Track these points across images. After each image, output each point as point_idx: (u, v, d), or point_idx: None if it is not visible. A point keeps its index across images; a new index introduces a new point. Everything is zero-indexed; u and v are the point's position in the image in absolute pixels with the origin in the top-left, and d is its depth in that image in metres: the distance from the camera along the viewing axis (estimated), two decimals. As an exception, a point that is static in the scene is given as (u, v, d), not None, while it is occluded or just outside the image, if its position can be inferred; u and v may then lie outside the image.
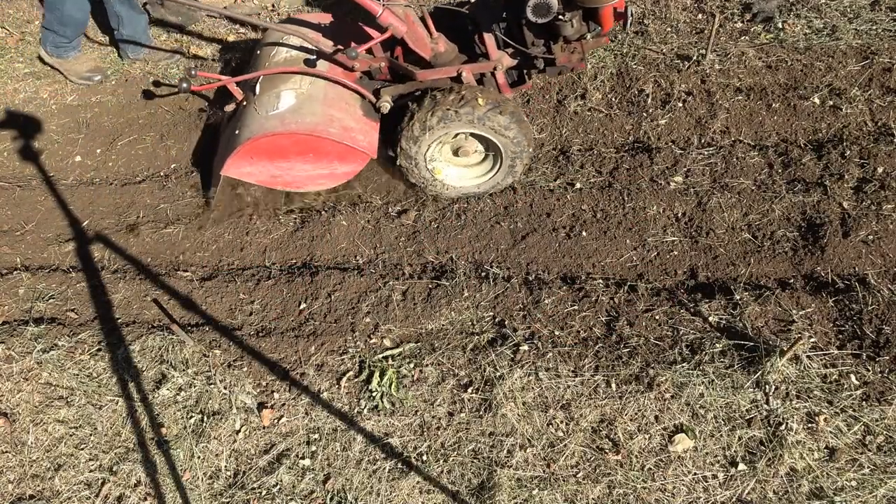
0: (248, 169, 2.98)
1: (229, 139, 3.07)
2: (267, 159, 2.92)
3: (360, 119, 2.94)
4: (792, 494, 2.17)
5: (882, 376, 2.33)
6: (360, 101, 3.00)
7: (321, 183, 3.09)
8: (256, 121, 2.88)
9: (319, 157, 2.91)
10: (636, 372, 2.46)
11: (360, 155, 2.90)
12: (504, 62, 2.92)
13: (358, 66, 2.95)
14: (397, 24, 2.74)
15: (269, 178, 3.04)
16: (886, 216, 2.70)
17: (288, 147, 2.85)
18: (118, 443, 2.65)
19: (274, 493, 2.44)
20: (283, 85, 2.93)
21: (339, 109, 2.89)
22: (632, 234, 2.88)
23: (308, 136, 2.79)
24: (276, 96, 2.89)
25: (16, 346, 2.96)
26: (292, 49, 3.06)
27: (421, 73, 2.90)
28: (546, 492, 2.27)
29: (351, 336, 2.76)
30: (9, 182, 3.82)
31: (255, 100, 2.95)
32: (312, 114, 2.82)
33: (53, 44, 4.02)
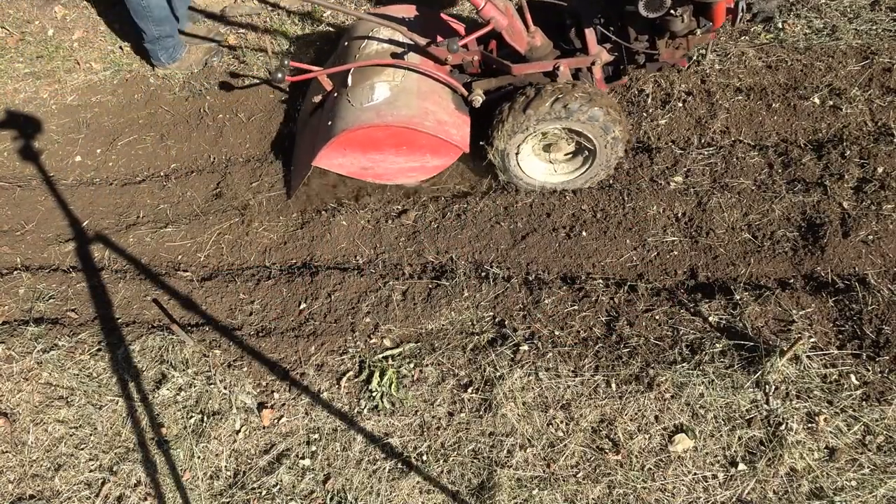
0: (340, 160, 2.95)
1: (319, 130, 3.04)
2: (360, 151, 2.90)
3: (453, 113, 2.92)
4: (792, 494, 2.17)
5: (882, 376, 2.33)
6: (451, 94, 2.98)
7: (411, 176, 3.07)
8: (351, 112, 2.86)
9: (412, 150, 2.89)
10: (636, 372, 2.46)
11: (452, 149, 2.87)
12: (603, 57, 2.86)
13: (451, 60, 2.92)
14: (499, 16, 2.69)
15: (359, 169, 3.01)
16: (886, 216, 2.70)
17: (382, 139, 2.83)
18: (118, 443, 2.65)
19: (274, 493, 2.44)
20: (377, 77, 2.90)
21: (432, 103, 2.87)
22: (632, 234, 2.88)
23: (403, 129, 2.76)
24: (370, 88, 2.87)
25: (16, 346, 2.96)
26: (382, 41, 3.03)
27: (516, 66, 2.85)
28: (546, 492, 2.27)
29: (351, 336, 2.76)
30: (9, 182, 3.82)
31: (348, 91, 2.92)
32: (408, 106, 2.80)
33: (166, 51, 3.94)
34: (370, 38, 3.08)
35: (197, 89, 4.00)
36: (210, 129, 3.81)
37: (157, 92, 4.08)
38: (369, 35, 3.10)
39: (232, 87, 3.90)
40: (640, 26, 2.76)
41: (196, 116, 3.90)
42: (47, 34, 4.44)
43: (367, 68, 2.95)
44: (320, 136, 3.00)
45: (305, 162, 3.09)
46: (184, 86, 4.06)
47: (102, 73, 4.23)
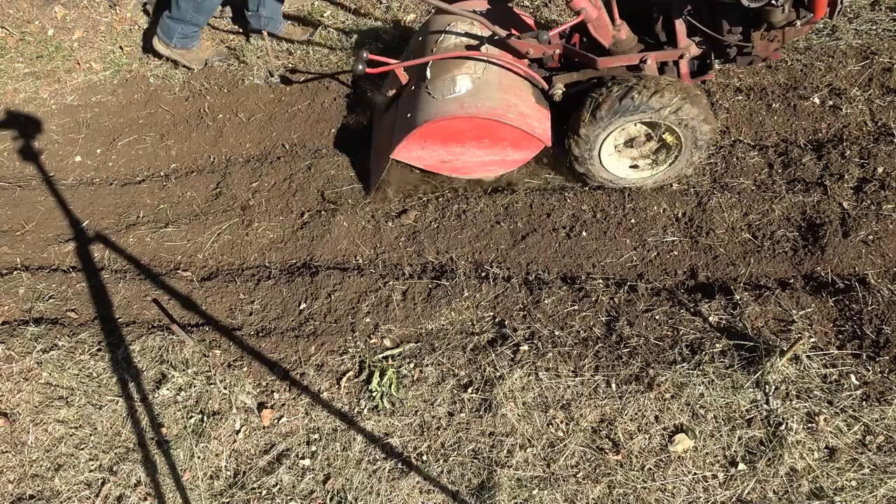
0: (419, 153, 2.91)
1: (397, 124, 3.01)
2: (441, 143, 2.86)
3: (534, 106, 2.88)
4: (792, 494, 2.17)
5: (882, 376, 2.33)
6: (531, 88, 2.93)
7: (490, 170, 3.03)
8: (432, 104, 2.82)
9: (494, 143, 2.85)
10: (636, 372, 2.46)
11: (535, 142, 2.83)
12: (691, 51, 2.78)
13: (532, 53, 2.87)
14: (590, 8, 2.64)
15: (437, 162, 2.98)
16: (886, 216, 2.70)
17: (465, 131, 2.80)
18: (118, 443, 2.65)
19: (274, 493, 2.44)
20: (457, 70, 2.86)
21: (514, 96, 2.83)
22: (632, 234, 2.88)
23: (487, 121, 2.73)
24: (452, 80, 2.83)
25: (16, 346, 2.96)
26: (460, 34, 2.99)
27: (602, 60, 2.78)
28: (546, 492, 2.27)
29: (351, 336, 2.76)
30: (9, 182, 3.82)
31: (428, 84, 2.88)
32: (491, 99, 2.76)
33: (182, 34, 3.87)
34: (447, 31, 3.03)
35: (197, 89, 4.00)
36: (210, 129, 3.81)
37: (157, 92, 4.08)
38: (446, 29, 3.04)
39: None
40: (734, 18, 2.66)
41: (196, 116, 3.90)
42: (47, 34, 4.44)
43: (447, 61, 2.90)
44: (398, 129, 2.96)
45: (384, 156, 3.05)
46: (184, 86, 4.06)
47: (102, 73, 4.23)
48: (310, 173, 3.41)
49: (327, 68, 3.88)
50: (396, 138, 2.91)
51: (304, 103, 3.75)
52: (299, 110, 3.74)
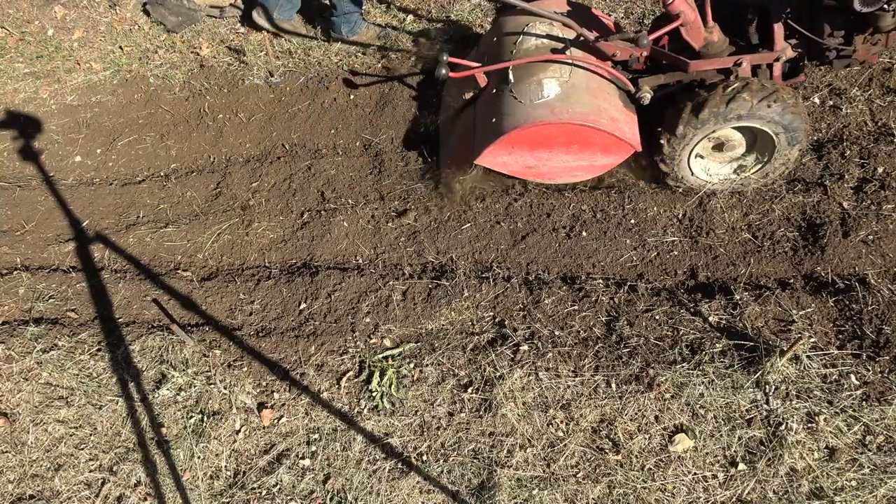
0: (505, 158, 2.85)
1: (478, 128, 2.94)
2: (528, 149, 2.80)
3: (622, 110, 2.80)
4: (792, 494, 2.17)
5: (882, 376, 2.33)
6: (617, 91, 2.86)
7: (576, 175, 2.97)
8: (520, 109, 2.74)
9: (583, 148, 2.78)
10: (636, 372, 2.46)
11: (625, 147, 2.75)
12: (787, 53, 2.71)
13: (619, 55, 2.82)
14: (689, 11, 2.59)
15: (523, 168, 2.92)
16: (886, 216, 2.70)
17: (555, 137, 2.73)
18: (118, 443, 2.65)
19: (274, 493, 2.44)
20: (543, 73, 2.78)
21: (603, 100, 2.76)
22: (632, 234, 2.88)
23: (580, 126, 2.66)
24: (538, 84, 2.76)
25: (16, 346, 2.97)
26: (540, 36, 2.91)
27: (694, 63, 2.71)
28: (546, 492, 2.27)
29: (351, 336, 2.76)
30: (9, 182, 3.82)
31: (512, 88, 2.81)
32: (581, 103, 2.69)
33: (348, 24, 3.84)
34: (525, 33, 2.94)
35: (197, 89, 4.00)
36: (210, 129, 3.81)
37: (157, 92, 4.08)
38: (524, 30, 2.96)
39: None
40: (838, 21, 2.59)
41: (196, 116, 3.90)
42: (47, 34, 4.44)
43: (531, 64, 2.83)
44: (481, 133, 2.89)
45: (461, 159, 2.99)
46: (184, 86, 4.06)
47: (102, 73, 4.23)
48: (310, 173, 3.41)
49: (335, 70, 3.88)
50: (480, 143, 2.83)
51: (305, 103, 3.75)
52: (299, 110, 3.74)
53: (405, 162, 3.34)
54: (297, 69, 3.93)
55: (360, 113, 3.64)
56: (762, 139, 2.77)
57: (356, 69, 3.81)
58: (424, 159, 3.34)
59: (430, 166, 3.29)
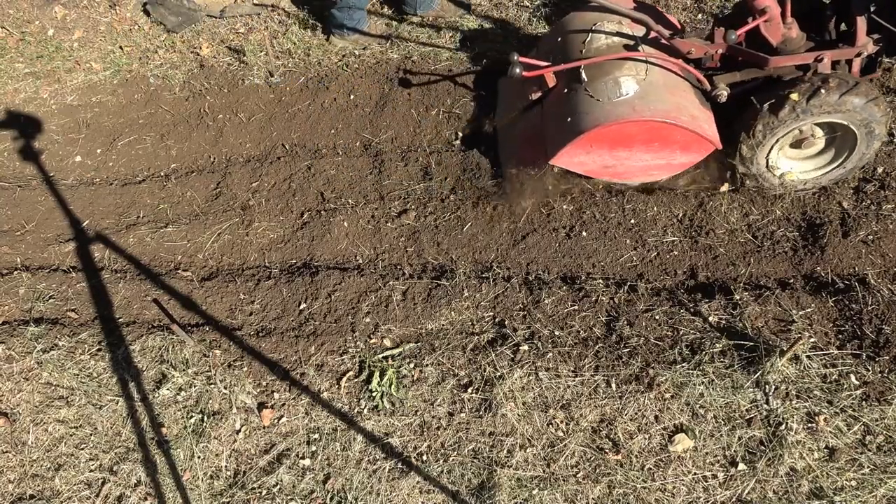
0: (582, 158, 2.79)
1: (550, 128, 2.89)
2: (608, 148, 2.76)
3: (699, 108, 2.76)
4: (792, 494, 2.17)
5: (882, 376, 2.33)
6: (693, 89, 2.81)
7: (652, 174, 2.91)
8: (598, 108, 2.70)
9: (663, 147, 2.73)
10: (636, 372, 2.46)
11: (705, 145, 2.71)
12: (868, 48, 2.67)
13: (694, 53, 2.77)
14: (774, 7, 2.57)
15: (600, 168, 2.87)
16: (886, 216, 2.70)
17: (635, 135, 2.69)
18: (118, 443, 2.65)
19: (274, 492, 2.44)
20: (618, 71, 2.73)
21: (681, 97, 2.73)
22: (632, 234, 2.88)
23: (661, 124, 2.62)
24: (615, 83, 2.71)
25: (16, 346, 2.97)
26: (610, 34, 2.87)
27: (775, 59, 2.66)
28: (546, 492, 2.27)
29: (351, 336, 2.76)
30: (9, 182, 3.82)
31: (586, 86, 2.77)
32: (662, 101, 2.66)
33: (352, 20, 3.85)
34: (594, 31, 2.91)
35: (197, 89, 4.00)
36: (210, 129, 3.81)
37: (157, 92, 4.08)
38: (592, 29, 2.92)
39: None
40: None
41: (196, 116, 3.90)
42: (47, 34, 4.44)
43: (604, 63, 2.79)
44: (554, 134, 2.84)
45: (529, 160, 2.95)
46: (184, 86, 4.06)
47: (102, 73, 4.23)
48: (310, 173, 3.41)
49: (335, 70, 3.88)
50: (555, 143, 2.78)
51: (305, 103, 3.75)
52: (299, 110, 3.74)
53: (405, 162, 3.34)
54: (297, 69, 3.93)
55: (360, 113, 3.64)
56: (842, 133, 2.72)
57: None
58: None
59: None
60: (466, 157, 3.27)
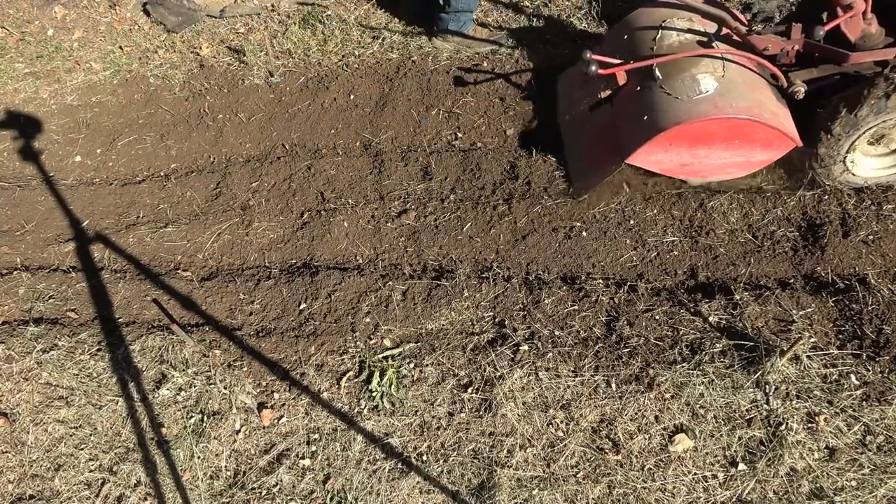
0: (660, 156, 2.75)
1: (624, 126, 2.86)
2: (687, 146, 2.72)
3: (777, 104, 2.72)
4: (792, 494, 2.17)
5: (882, 376, 2.33)
6: (769, 86, 2.76)
7: (730, 172, 2.87)
8: (677, 105, 2.67)
9: (744, 144, 2.70)
10: (636, 372, 2.46)
11: (786, 142, 2.68)
12: None
13: (770, 49, 2.73)
14: (859, 1, 2.54)
15: (677, 166, 2.83)
16: (886, 216, 2.70)
17: (716, 133, 2.66)
18: (118, 443, 2.65)
19: (274, 492, 2.44)
20: (695, 68, 2.71)
21: (760, 94, 2.69)
22: (632, 234, 2.88)
23: (744, 121, 2.59)
24: (693, 80, 2.68)
25: (16, 346, 2.97)
26: (681, 31, 2.84)
27: (855, 55, 2.61)
28: (546, 492, 2.27)
29: (351, 336, 2.76)
30: (9, 182, 3.82)
31: (662, 84, 2.73)
32: (742, 98, 2.63)
33: (458, 22, 3.78)
34: (663, 28, 2.87)
35: (197, 89, 4.00)
36: (210, 129, 3.81)
37: (157, 92, 4.08)
38: (661, 25, 2.88)
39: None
40: None
41: (196, 116, 3.90)
42: (47, 34, 4.44)
43: (677, 60, 2.75)
44: (629, 132, 2.80)
45: (599, 160, 2.92)
46: (184, 86, 4.06)
47: (102, 73, 4.23)
48: (310, 173, 3.41)
49: (335, 70, 3.88)
50: (631, 142, 2.75)
51: (305, 103, 3.75)
52: (299, 110, 3.74)
53: (405, 162, 3.34)
54: (297, 69, 3.93)
55: (360, 113, 3.64)
56: None
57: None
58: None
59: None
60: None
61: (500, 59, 3.70)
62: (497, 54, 3.72)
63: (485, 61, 3.70)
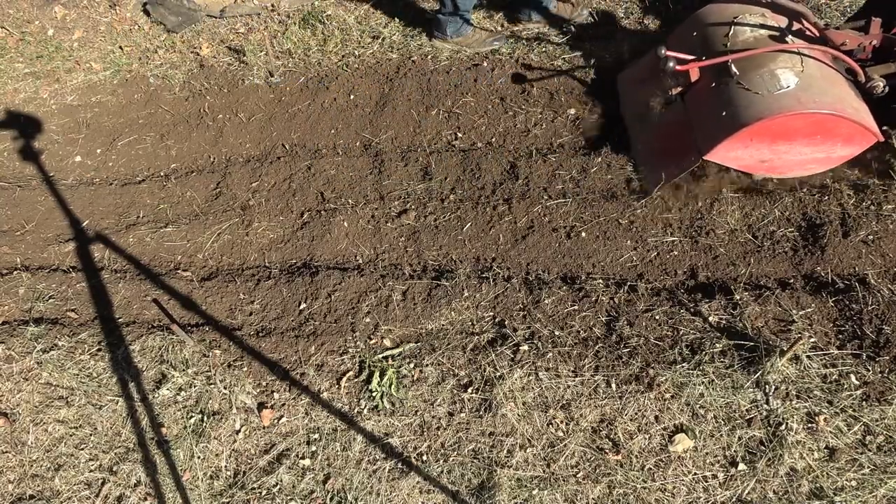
0: (740, 153, 2.73)
1: (703, 122, 2.82)
2: (768, 142, 2.69)
3: (856, 99, 2.70)
4: (792, 494, 2.17)
5: (882, 376, 2.33)
6: (847, 81, 2.75)
7: (809, 168, 2.84)
8: (758, 101, 2.64)
9: (825, 140, 2.68)
10: (636, 372, 2.46)
11: (868, 137, 2.66)
12: None
13: (848, 44, 2.71)
14: None
15: (755, 162, 2.81)
16: (886, 216, 2.70)
17: (799, 128, 2.64)
18: (118, 443, 2.65)
19: (274, 493, 2.44)
20: (773, 64, 2.69)
21: (840, 89, 2.68)
22: (632, 234, 2.88)
23: (828, 116, 2.57)
24: (772, 75, 2.66)
25: (16, 346, 2.97)
26: (755, 27, 2.82)
27: None
28: (546, 492, 2.27)
29: (351, 336, 2.76)
30: (9, 182, 3.82)
31: (739, 79, 2.71)
32: (825, 93, 2.61)
33: (454, 24, 3.80)
34: (736, 24, 2.86)
35: (197, 89, 4.00)
36: (210, 129, 3.82)
37: (157, 92, 4.08)
38: (733, 21, 2.87)
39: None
40: None
41: (196, 116, 3.90)
42: (47, 34, 4.45)
43: (754, 55, 2.73)
44: (706, 128, 2.78)
45: (678, 156, 2.89)
46: (184, 86, 4.06)
47: (102, 73, 4.24)
48: (310, 173, 3.41)
49: (335, 70, 3.88)
50: (709, 138, 2.73)
51: (305, 103, 3.75)
52: (299, 110, 3.74)
53: (405, 162, 3.34)
54: (297, 69, 3.93)
55: (360, 113, 3.64)
56: None
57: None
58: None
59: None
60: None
61: (501, 59, 3.70)
62: (497, 54, 3.72)
63: (485, 61, 3.70)
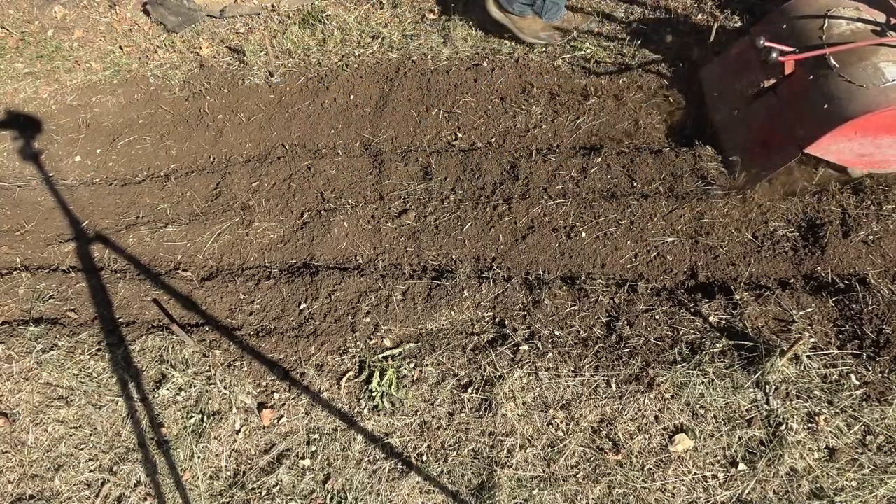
0: (842, 146, 2.73)
1: (795, 116, 2.82)
2: (872, 135, 2.69)
3: None
4: (792, 494, 2.17)
5: (882, 376, 2.33)
6: None
7: None
8: (864, 94, 2.63)
9: None
10: (636, 372, 2.46)
11: None
12: None
13: None
14: None
15: (856, 157, 2.80)
16: (886, 216, 2.70)
17: None
18: (118, 443, 2.65)
19: (274, 493, 2.44)
20: (875, 57, 2.68)
21: None
22: (632, 234, 2.88)
23: None
24: (875, 69, 2.65)
25: (16, 346, 2.97)
26: (851, 20, 2.80)
27: None
28: (546, 492, 2.27)
29: (351, 336, 2.76)
30: (9, 182, 3.82)
31: (840, 72, 2.70)
32: None
33: (554, 6, 3.68)
34: (830, 16, 2.85)
35: (197, 89, 4.00)
36: (210, 129, 3.82)
37: (157, 92, 4.08)
38: (827, 14, 2.86)
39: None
40: None
41: (196, 116, 3.90)
42: (47, 34, 4.44)
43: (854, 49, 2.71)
44: (808, 121, 2.76)
45: (774, 150, 2.87)
46: (184, 86, 4.06)
47: (102, 73, 4.23)
48: (310, 173, 3.41)
49: (335, 70, 3.88)
50: (812, 131, 2.72)
51: (305, 103, 3.75)
52: (299, 110, 3.74)
53: (405, 162, 3.34)
54: (296, 69, 3.93)
55: (360, 113, 3.64)
56: None
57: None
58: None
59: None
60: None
61: (501, 59, 3.70)
62: (497, 54, 3.72)
63: (484, 61, 3.70)
